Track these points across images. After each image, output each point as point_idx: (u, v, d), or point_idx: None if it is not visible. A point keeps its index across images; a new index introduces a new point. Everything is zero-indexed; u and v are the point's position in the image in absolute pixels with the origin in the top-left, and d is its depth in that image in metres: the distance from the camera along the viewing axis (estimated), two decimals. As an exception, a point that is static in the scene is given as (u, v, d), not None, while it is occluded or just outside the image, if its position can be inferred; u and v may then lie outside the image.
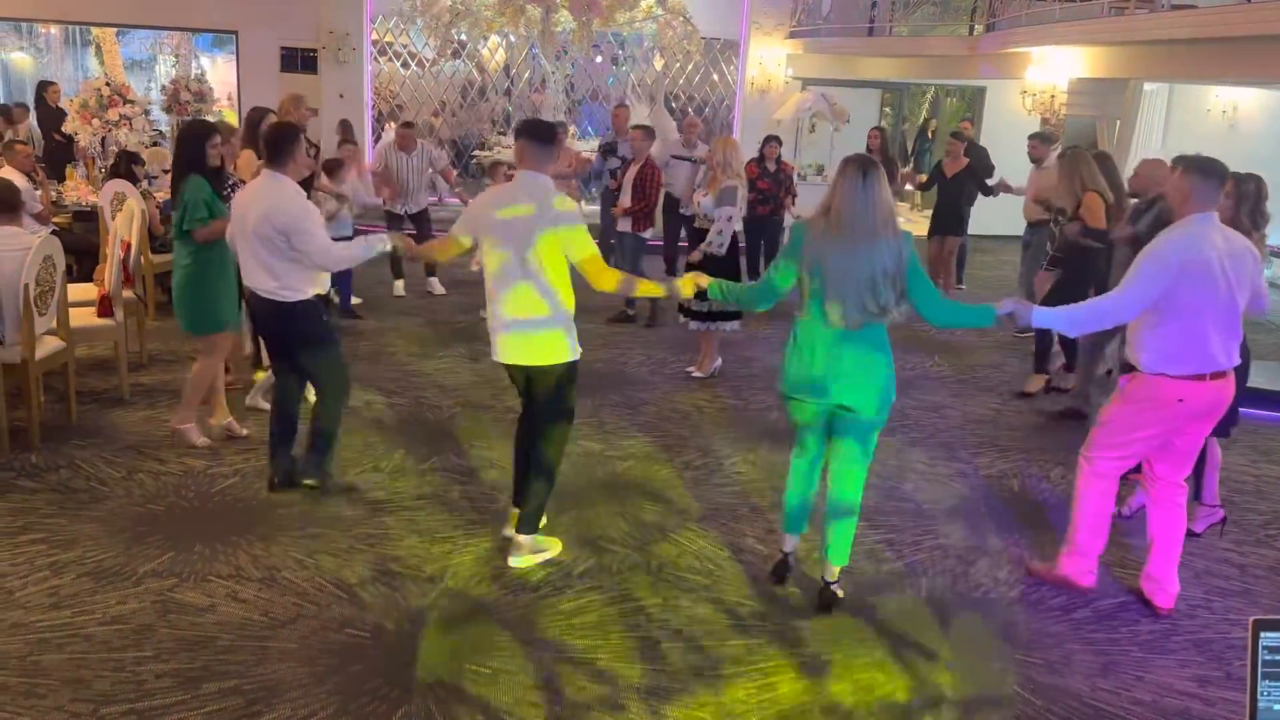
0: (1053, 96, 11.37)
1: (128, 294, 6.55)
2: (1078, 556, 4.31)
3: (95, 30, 16.72)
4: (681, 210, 9.63)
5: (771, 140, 9.47)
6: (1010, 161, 10.11)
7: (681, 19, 12.96)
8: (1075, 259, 6.60)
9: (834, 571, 4.13)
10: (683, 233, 10.35)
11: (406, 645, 3.73)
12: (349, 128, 10.46)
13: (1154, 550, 4.28)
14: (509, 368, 4.26)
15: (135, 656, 3.55)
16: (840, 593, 4.15)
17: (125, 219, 6.69)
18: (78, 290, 6.34)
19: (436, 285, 9.52)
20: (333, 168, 7.91)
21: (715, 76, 14.52)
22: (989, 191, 9.44)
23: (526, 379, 4.26)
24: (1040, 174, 8.45)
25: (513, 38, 13.96)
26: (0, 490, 4.83)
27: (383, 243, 4.75)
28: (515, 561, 4.32)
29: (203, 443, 5.40)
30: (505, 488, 5.15)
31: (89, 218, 8.26)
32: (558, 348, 4.16)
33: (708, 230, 6.91)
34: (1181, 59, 8.72)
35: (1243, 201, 4.68)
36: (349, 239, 7.65)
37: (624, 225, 8.48)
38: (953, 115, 17.04)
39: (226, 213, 4.96)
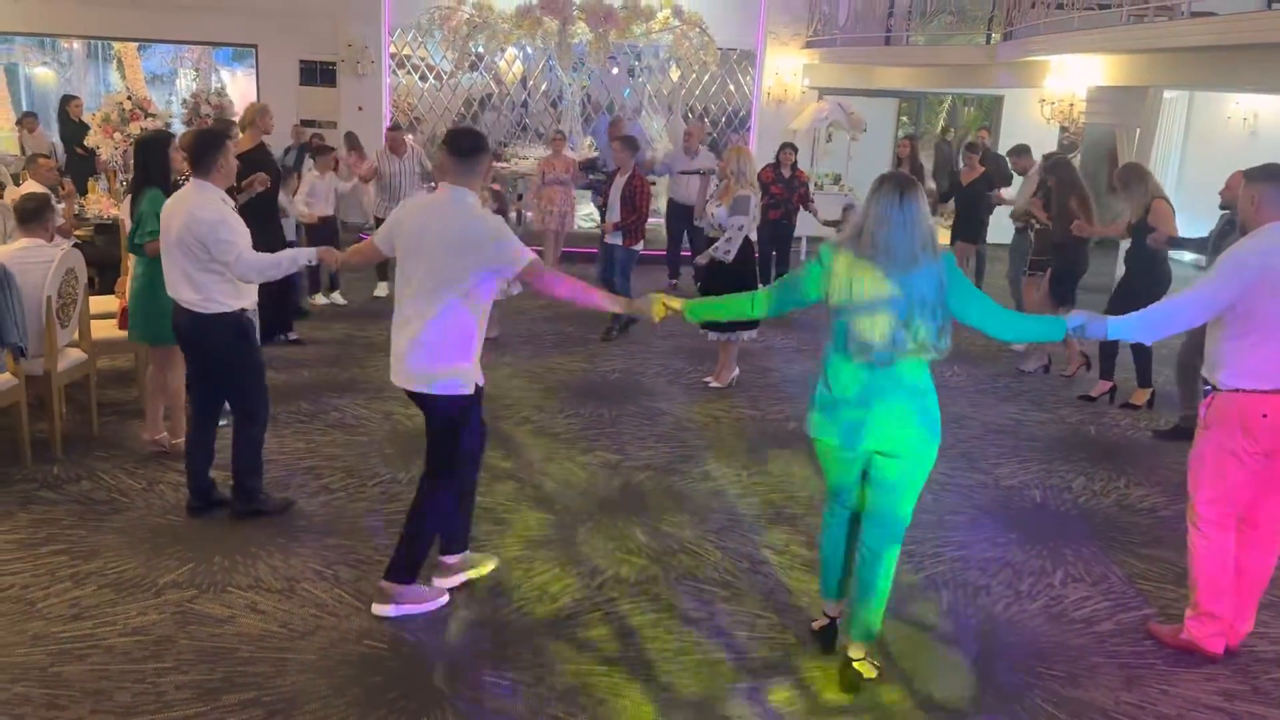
0: (1071, 105, 11.32)
1: (148, 306, 6.59)
2: (1205, 619, 3.92)
3: (117, 45, 16.91)
4: (696, 222, 9.64)
5: (787, 147, 9.49)
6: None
7: (698, 30, 12.98)
8: (1056, 259, 7.60)
9: (858, 648, 3.66)
10: (685, 239, 10.39)
11: (425, 657, 3.73)
12: (355, 140, 10.59)
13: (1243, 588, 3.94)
14: None
15: (156, 668, 3.57)
16: (868, 671, 3.65)
17: (146, 232, 6.73)
18: (99, 302, 6.39)
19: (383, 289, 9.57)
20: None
21: (731, 87, 14.53)
22: (992, 206, 9.61)
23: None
24: (1026, 183, 8.73)
25: (529, 50, 14.00)
26: (22, 501, 4.86)
27: (307, 256, 4.58)
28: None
29: (177, 444, 5.31)
30: (521, 497, 5.15)
31: (110, 230, 8.32)
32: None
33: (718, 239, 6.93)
34: (1201, 66, 8.66)
35: None
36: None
37: (614, 238, 8.38)
38: (970, 124, 17.00)
39: None
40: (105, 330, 6.10)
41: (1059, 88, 11.25)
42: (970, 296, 3.47)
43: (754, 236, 7.08)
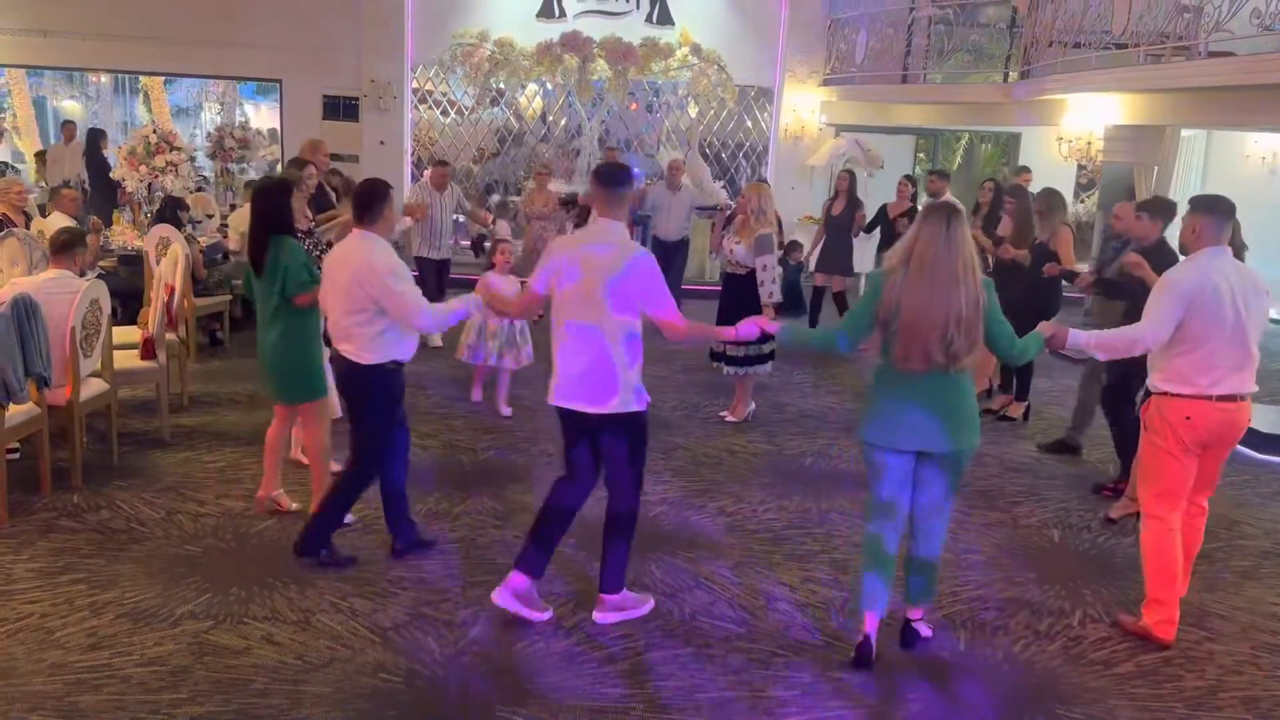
0: (1089, 143, 11.34)
1: (170, 337, 6.67)
2: (1155, 607, 4.33)
3: (144, 79, 17.18)
4: (712, 257, 9.66)
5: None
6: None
7: (716, 67, 13.11)
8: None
9: (918, 611, 4.20)
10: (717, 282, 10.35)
11: (439, 690, 3.72)
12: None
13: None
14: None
15: (171, 699, 3.57)
16: (925, 630, 4.23)
17: (170, 263, 6.83)
18: (121, 332, 6.46)
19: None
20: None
21: (749, 123, 14.63)
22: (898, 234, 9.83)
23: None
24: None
25: (549, 86, 14.16)
26: (42, 530, 4.90)
27: (476, 305, 4.54)
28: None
29: (296, 507, 5.20)
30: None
31: (134, 261, 8.43)
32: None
33: (739, 274, 6.95)
34: (1219, 106, 8.67)
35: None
36: None
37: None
38: (987, 161, 17.03)
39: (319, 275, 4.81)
40: (127, 360, 6.17)
41: (1076, 126, 11.28)
42: (996, 321, 3.84)
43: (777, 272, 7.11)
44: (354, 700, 3.62)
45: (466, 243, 11.63)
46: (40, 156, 14.13)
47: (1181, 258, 4.43)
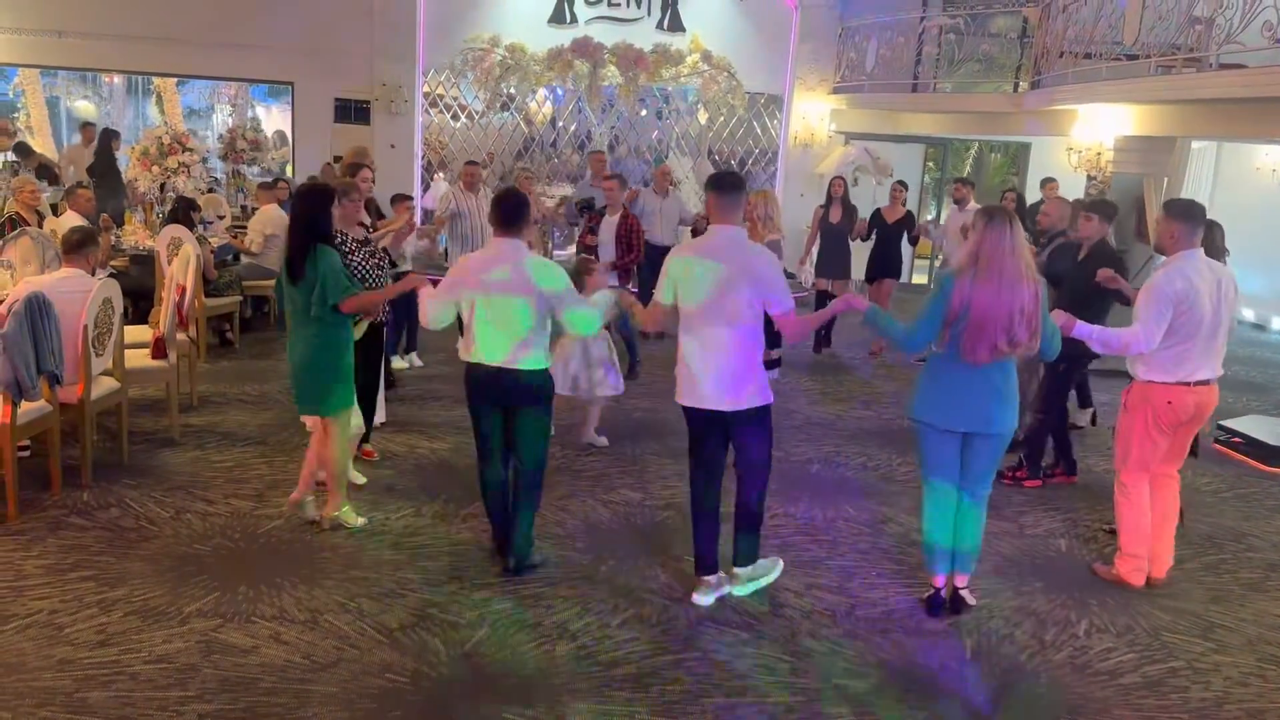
0: (1099, 154, 11.33)
1: (181, 337, 6.70)
2: (1128, 559, 4.96)
3: (157, 80, 17.26)
4: None
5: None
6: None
7: (726, 74, 13.13)
8: None
9: (964, 578, 4.57)
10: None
11: (445, 691, 3.73)
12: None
13: (1155, 532, 4.95)
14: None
15: (179, 696, 3.59)
16: (971, 599, 4.61)
17: (181, 263, 6.86)
18: (132, 332, 6.49)
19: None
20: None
21: (759, 130, 14.65)
22: (914, 240, 10.29)
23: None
24: (962, 214, 9.30)
25: (560, 91, 14.20)
26: (52, 527, 4.93)
27: (614, 303, 4.75)
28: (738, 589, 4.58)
29: (362, 522, 5.11)
30: (543, 535, 5.16)
31: (146, 261, 8.47)
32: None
33: None
34: (1230, 118, 8.66)
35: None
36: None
37: (611, 280, 8.28)
38: (996, 171, 17.03)
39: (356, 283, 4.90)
40: (138, 359, 6.20)
41: (1086, 136, 11.27)
42: (1044, 316, 4.23)
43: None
44: (361, 700, 3.63)
45: None
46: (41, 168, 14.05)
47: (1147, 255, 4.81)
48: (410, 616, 4.25)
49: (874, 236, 10.01)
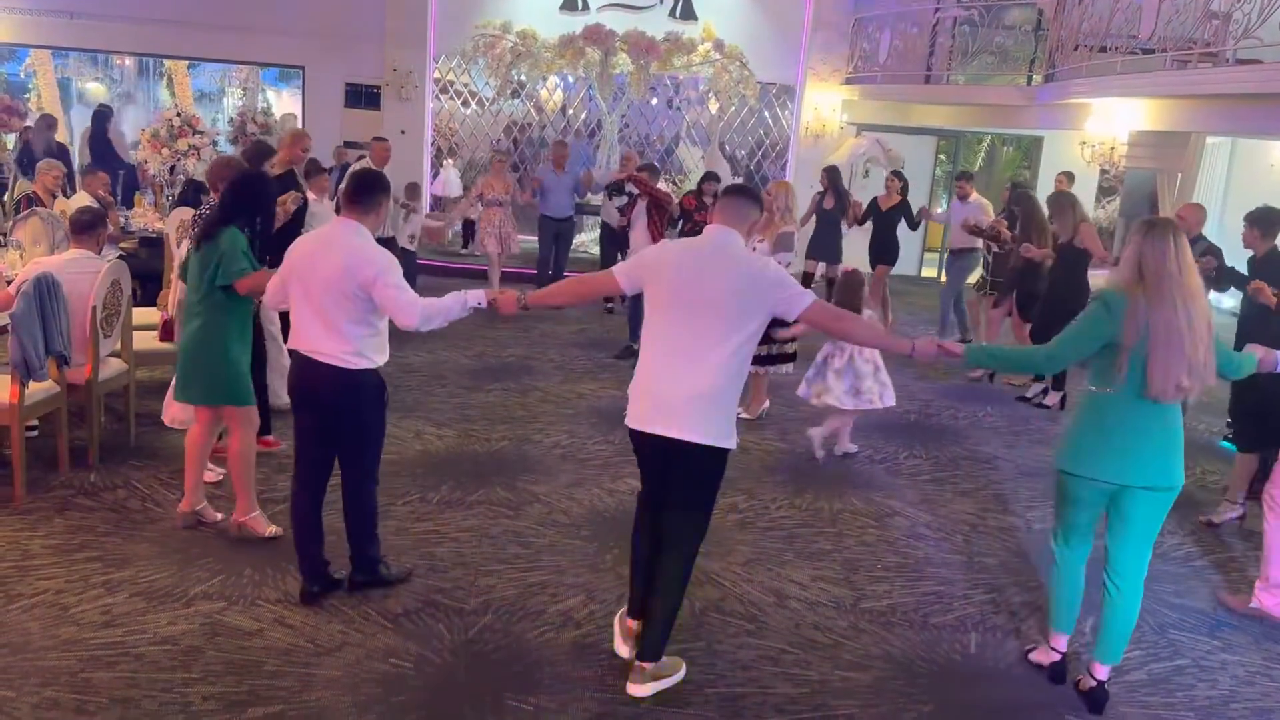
0: (1112, 148, 11.27)
1: (189, 319, 6.69)
2: (1275, 590, 4.58)
3: (168, 62, 17.26)
4: None
5: (710, 178, 9.56)
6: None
7: (738, 63, 13.07)
8: (1020, 282, 8.45)
9: (1105, 671, 3.90)
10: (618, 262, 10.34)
11: (449, 678, 3.73)
12: (416, 190, 10.52)
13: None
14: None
15: (183, 678, 3.60)
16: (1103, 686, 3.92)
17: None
18: (140, 314, 6.49)
19: None
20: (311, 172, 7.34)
21: (770, 121, 14.60)
22: (916, 225, 10.58)
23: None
24: (965, 208, 9.83)
25: (571, 79, 14.16)
26: (59, 508, 4.93)
27: (477, 300, 4.02)
28: (635, 689, 3.66)
29: (272, 531, 4.74)
30: (549, 522, 5.16)
31: (154, 244, 8.46)
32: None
33: None
34: (1246, 114, 8.60)
35: None
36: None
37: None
38: (1009, 164, 16.94)
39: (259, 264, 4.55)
40: (146, 341, 6.20)
41: (1100, 131, 11.21)
42: (1216, 346, 3.66)
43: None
44: (365, 685, 3.63)
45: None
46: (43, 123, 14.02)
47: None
48: (415, 602, 4.25)
49: (871, 224, 10.39)
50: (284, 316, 5.32)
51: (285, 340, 4.79)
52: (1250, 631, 4.54)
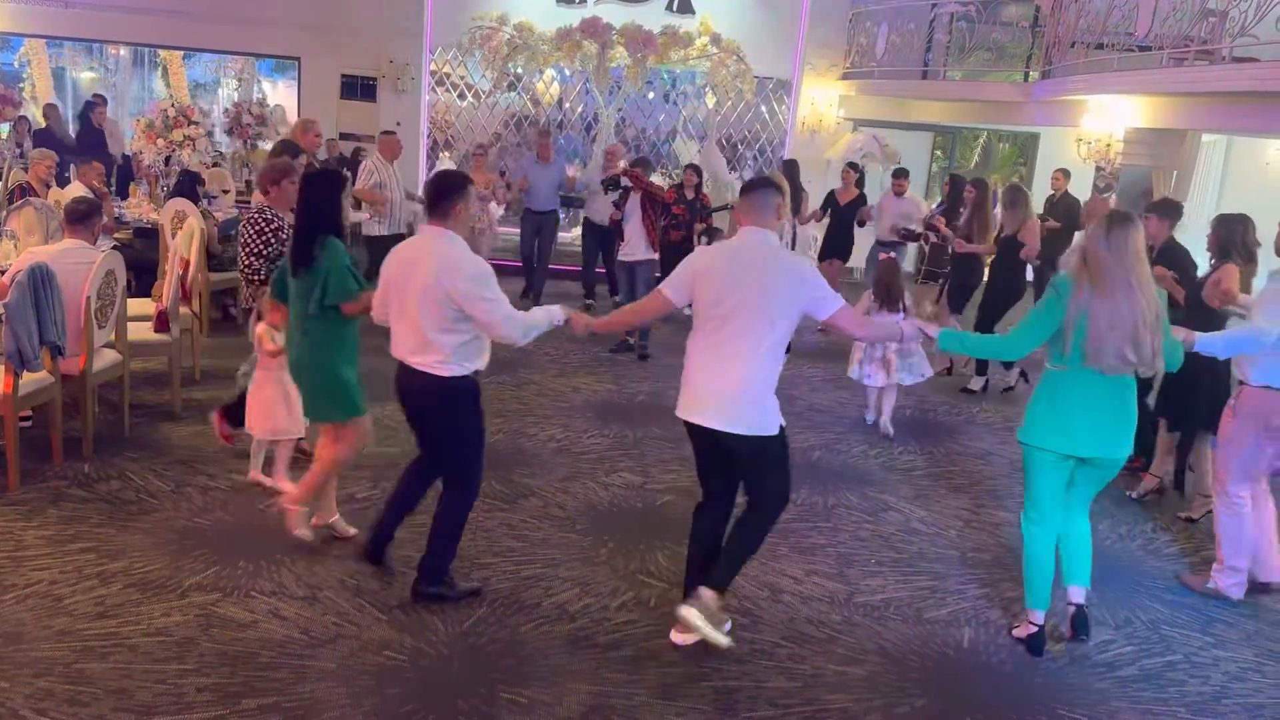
0: (1108, 145, 11.28)
1: (184, 310, 6.69)
2: (1229, 572, 4.79)
3: (163, 52, 17.19)
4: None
5: (690, 169, 9.60)
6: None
7: (735, 58, 13.05)
8: (949, 270, 8.82)
9: (1080, 593, 4.30)
10: (600, 258, 10.34)
11: (444, 670, 3.73)
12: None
13: (1260, 539, 4.79)
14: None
15: (178, 669, 3.59)
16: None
17: (185, 237, 6.84)
18: (135, 305, 6.47)
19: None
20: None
21: (767, 115, 14.58)
22: (861, 223, 10.35)
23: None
24: (899, 202, 10.00)
25: (568, 72, 14.13)
26: (53, 498, 4.92)
27: (560, 316, 4.12)
28: (688, 613, 3.83)
29: (305, 535, 4.63)
30: (544, 516, 5.16)
31: (149, 235, 8.45)
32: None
33: None
34: (1241, 112, 8.60)
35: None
36: None
37: (642, 254, 8.64)
38: (1005, 160, 16.94)
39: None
40: (140, 332, 6.18)
41: (1096, 127, 11.22)
42: (1165, 333, 3.95)
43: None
44: (359, 677, 3.64)
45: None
46: (52, 110, 14.06)
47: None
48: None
49: (828, 217, 10.38)
50: None
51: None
52: (1243, 628, 4.56)
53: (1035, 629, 4.20)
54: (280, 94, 18.29)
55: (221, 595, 4.13)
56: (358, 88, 13.65)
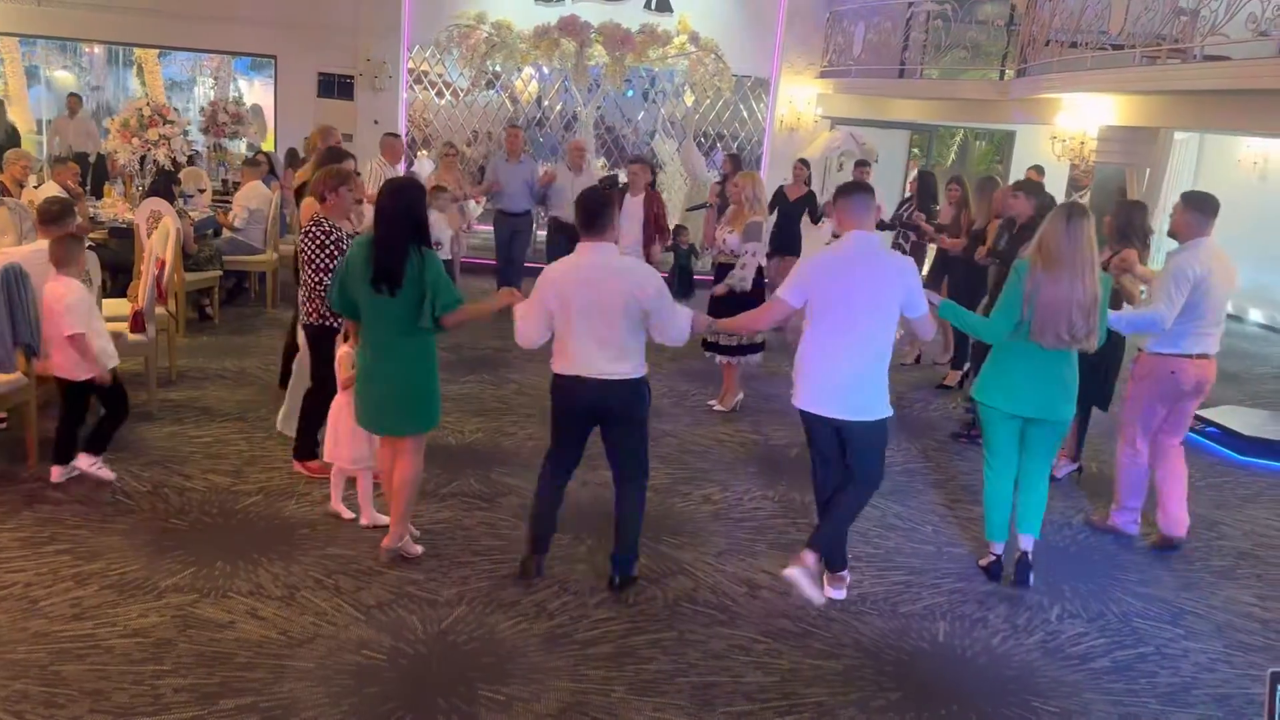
0: (1082, 143, 11.38)
1: (160, 311, 6.65)
2: (1125, 511, 5.48)
3: (138, 51, 17.07)
4: (707, 250, 9.67)
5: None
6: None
7: (713, 56, 13.10)
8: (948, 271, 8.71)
9: (1029, 541, 4.83)
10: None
11: (422, 669, 3.74)
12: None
13: (1168, 495, 5.34)
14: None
15: (154, 670, 3.59)
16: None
17: (161, 237, 6.80)
18: (111, 305, 6.44)
19: None
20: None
21: (745, 113, 14.63)
22: (818, 219, 10.15)
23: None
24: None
25: (546, 70, 14.13)
26: (28, 500, 4.90)
27: (705, 323, 4.58)
28: (834, 594, 4.53)
29: (418, 550, 4.62)
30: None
31: (125, 234, 8.39)
32: None
33: (733, 264, 6.93)
34: (1213, 110, 8.71)
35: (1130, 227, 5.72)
36: None
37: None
38: (981, 158, 17.07)
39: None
40: (116, 333, 6.13)
41: (1070, 125, 11.32)
42: (1102, 314, 4.50)
43: (764, 262, 7.10)
44: (337, 676, 3.64)
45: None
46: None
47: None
48: (387, 594, 4.25)
49: (775, 214, 10.03)
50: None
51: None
52: (1213, 619, 4.62)
53: (994, 558, 4.88)
54: (256, 92, 18.20)
55: (199, 596, 4.12)
56: (335, 86, 13.61)
